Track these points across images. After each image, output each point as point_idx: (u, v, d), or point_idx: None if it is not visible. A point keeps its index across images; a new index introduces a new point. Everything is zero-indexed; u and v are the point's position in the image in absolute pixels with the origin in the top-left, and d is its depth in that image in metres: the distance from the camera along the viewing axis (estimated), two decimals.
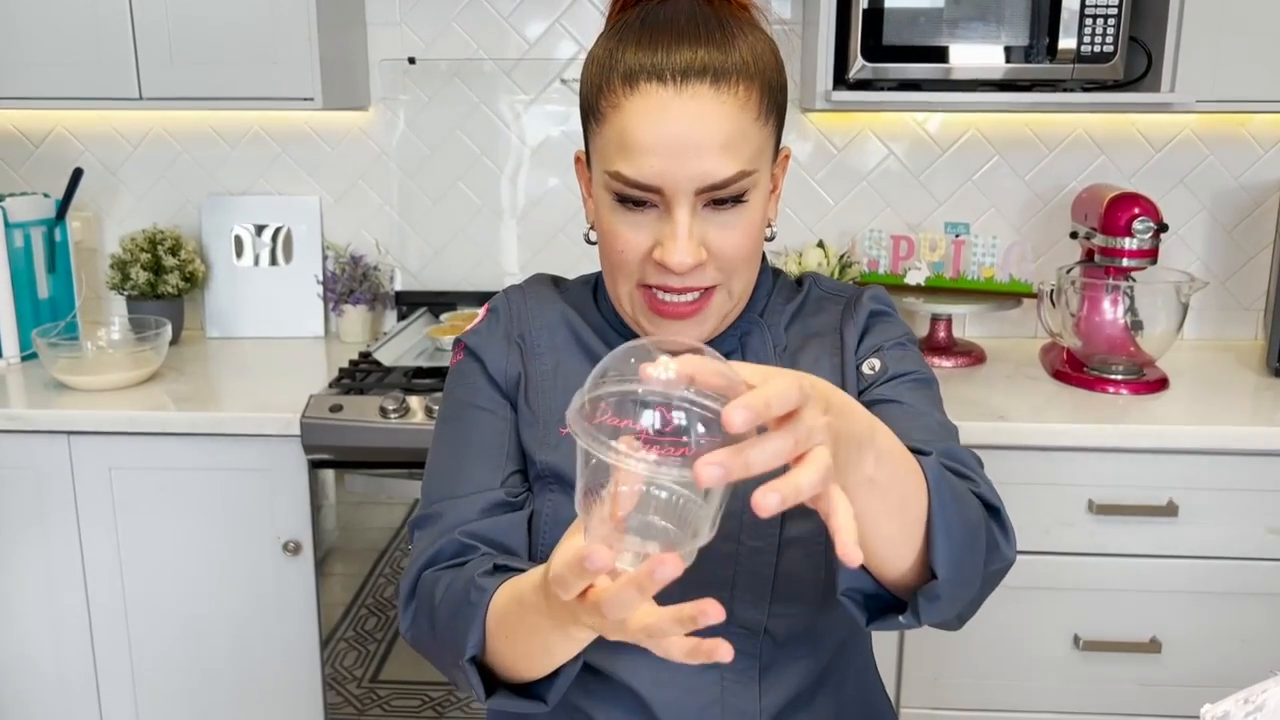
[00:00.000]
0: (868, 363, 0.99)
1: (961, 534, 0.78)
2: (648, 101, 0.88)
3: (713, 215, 0.90)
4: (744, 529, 0.92)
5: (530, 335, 1.03)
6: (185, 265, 2.31)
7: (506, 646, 0.83)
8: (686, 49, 0.88)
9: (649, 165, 0.87)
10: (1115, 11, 1.93)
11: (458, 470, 0.99)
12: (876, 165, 2.36)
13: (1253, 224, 2.33)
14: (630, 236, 0.91)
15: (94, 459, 1.93)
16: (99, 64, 2.06)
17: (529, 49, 2.34)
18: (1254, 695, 0.59)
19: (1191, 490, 1.85)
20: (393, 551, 1.98)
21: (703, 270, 0.91)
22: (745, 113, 0.89)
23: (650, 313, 0.94)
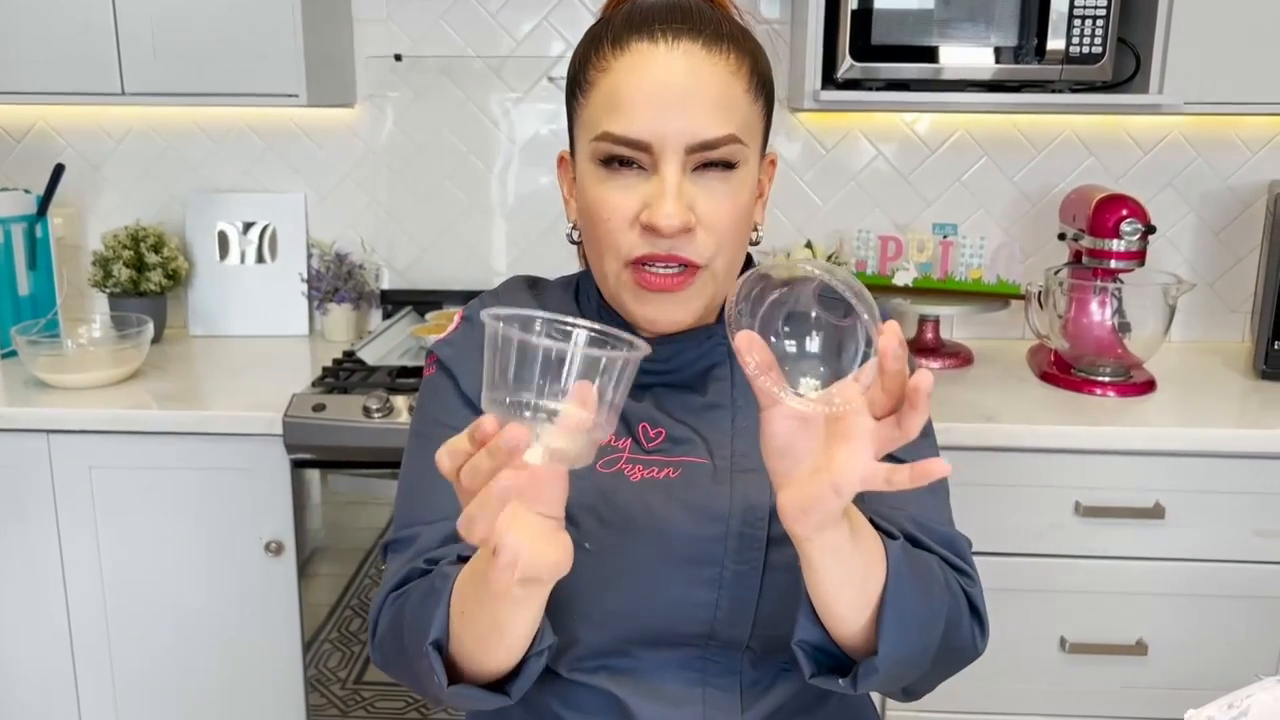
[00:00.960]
0: None
1: (912, 620, 0.80)
2: (637, 58, 0.88)
3: (701, 180, 0.88)
4: (730, 552, 0.91)
5: None
6: (168, 262, 2.29)
7: (466, 630, 0.81)
8: (677, 17, 0.89)
9: (638, 120, 0.86)
10: (1104, 13, 1.93)
11: (428, 493, 0.95)
12: (865, 166, 2.35)
13: (1240, 226, 2.33)
14: (617, 201, 0.89)
15: (74, 458, 1.91)
16: (81, 59, 2.03)
17: (517, 47, 2.33)
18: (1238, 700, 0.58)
19: (1178, 493, 1.85)
20: (377, 552, 1.96)
21: (691, 237, 0.88)
22: (736, 80, 0.89)
23: (636, 288, 0.91)
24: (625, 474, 0.93)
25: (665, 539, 0.91)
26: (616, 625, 0.92)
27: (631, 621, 0.92)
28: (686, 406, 0.97)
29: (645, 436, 0.95)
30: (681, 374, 0.97)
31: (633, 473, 0.94)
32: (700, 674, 0.94)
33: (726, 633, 0.92)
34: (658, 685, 0.94)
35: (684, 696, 0.94)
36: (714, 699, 0.94)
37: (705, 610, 0.92)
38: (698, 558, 0.91)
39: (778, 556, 0.91)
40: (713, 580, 0.91)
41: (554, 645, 0.85)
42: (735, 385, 0.97)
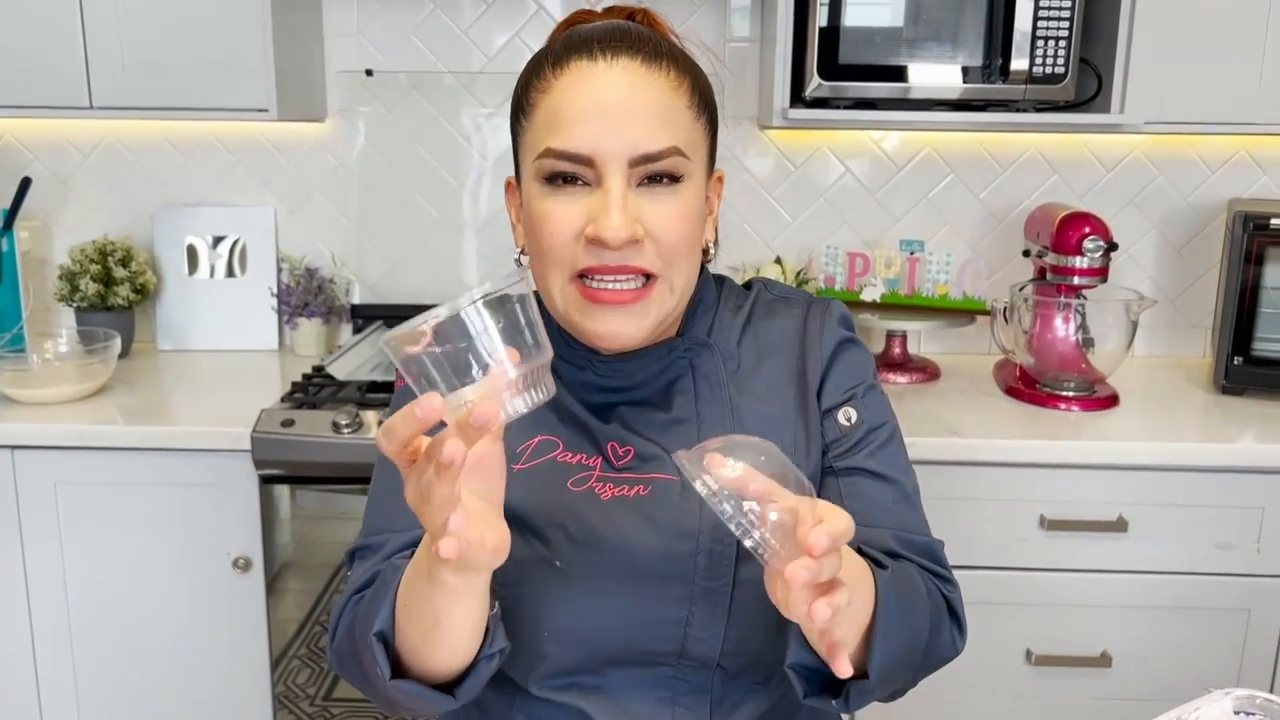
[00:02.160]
0: (843, 412, 0.98)
1: (898, 644, 0.82)
2: (577, 75, 0.88)
3: (647, 194, 0.89)
4: (699, 569, 0.92)
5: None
6: (136, 277, 2.27)
7: (410, 625, 0.82)
8: (616, 36, 0.90)
9: (580, 134, 0.87)
10: (1066, 34, 1.96)
11: (397, 502, 0.95)
12: (834, 182, 2.38)
13: (1201, 243, 2.37)
14: (561, 216, 0.88)
15: (39, 474, 1.90)
16: (48, 72, 2.03)
17: (488, 62, 2.34)
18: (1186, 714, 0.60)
19: (1141, 506, 1.87)
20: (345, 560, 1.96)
21: (640, 249, 0.89)
22: (677, 95, 0.90)
23: (584, 303, 0.90)
24: (596, 492, 0.94)
25: (636, 557, 0.92)
26: (587, 643, 0.93)
27: (602, 639, 0.93)
28: (652, 423, 0.97)
29: (615, 455, 0.96)
30: (644, 390, 0.98)
31: (603, 491, 0.94)
32: (670, 693, 0.95)
33: (697, 650, 0.93)
34: (626, 704, 0.94)
35: (653, 715, 0.94)
36: (684, 715, 0.95)
37: (675, 628, 0.92)
38: (668, 575, 0.92)
39: (747, 573, 0.92)
40: (683, 598, 0.92)
41: (506, 649, 0.85)
42: (699, 399, 0.97)
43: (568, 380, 0.98)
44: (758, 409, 0.97)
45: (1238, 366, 2.11)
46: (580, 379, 0.98)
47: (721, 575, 0.92)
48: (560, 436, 0.96)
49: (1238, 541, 1.88)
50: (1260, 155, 2.33)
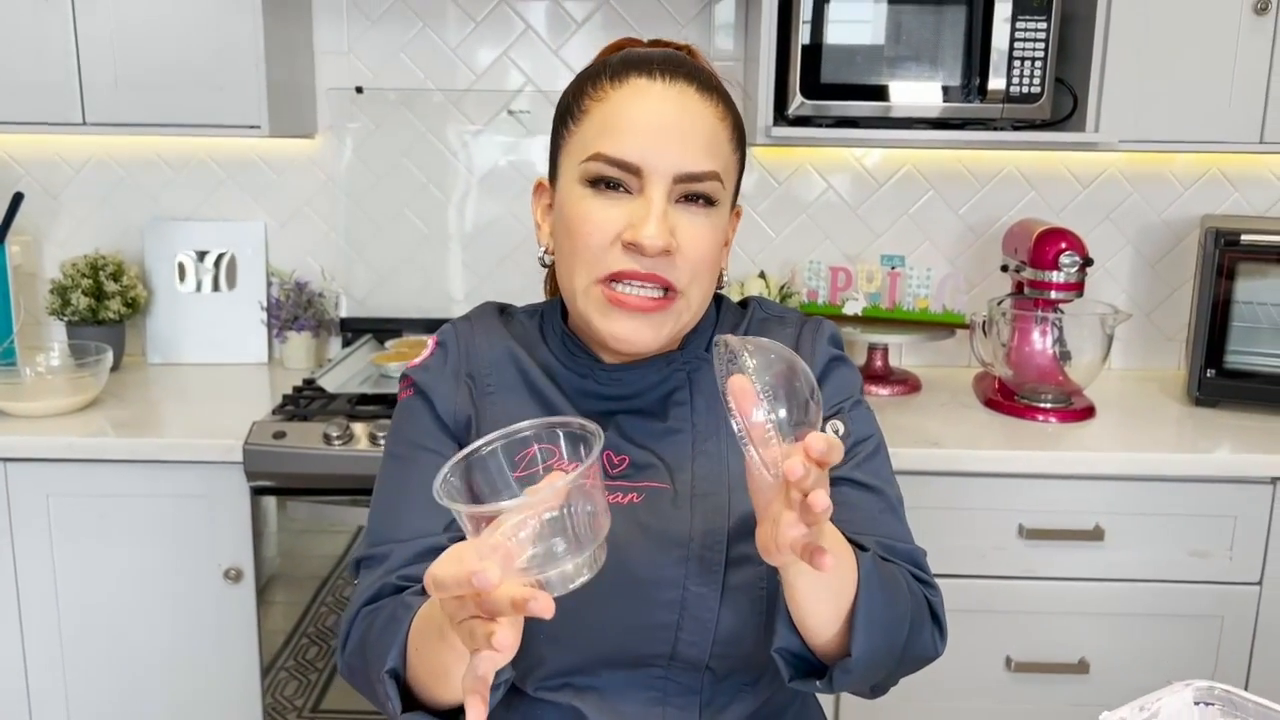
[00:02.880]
0: (831, 425, 1.02)
1: (881, 626, 0.85)
2: (636, 89, 0.93)
3: (684, 210, 0.93)
4: (689, 575, 0.95)
5: (479, 374, 1.03)
6: (127, 291, 2.29)
7: (419, 664, 0.85)
8: (675, 61, 0.96)
9: (632, 143, 0.91)
10: (1042, 55, 2.01)
11: (401, 512, 0.99)
12: (816, 198, 2.42)
13: (1175, 258, 2.42)
14: (601, 218, 0.92)
15: (31, 486, 1.91)
16: (42, 88, 2.05)
17: (476, 80, 2.37)
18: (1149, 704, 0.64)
19: (1117, 515, 1.91)
20: (335, 579, 1.98)
21: (670, 261, 0.92)
22: (722, 127, 0.95)
23: (608, 305, 0.94)
24: None
25: (628, 563, 0.95)
26: (581, 646, 0.96)
27: (595, 642, 0.96)
28: (649, 432, 1.00)
29: (610, 463, 0.99)
30: (642, 399, 1.01)
31: None
32: (660, 693, 0.98)
33: (687, 653, 0.96)
34: (618, 704, 0.97)
35: (644, 715, 0.97)
36: (675, 715, 0.98)
37: (666, 631, 0.95)
38: (659, 581, 0.95)
39: (736, 579, 0.95)
40: (673, 602, 0.95)
41: (509, 679, 0.88)
42: (695, 410, 1.01)
43: (568, 388, 1.01)
44: None
45: (1210, 379, 2.16)
46: (581, 386, 1.01)
47: (711, 581, 0.95)
48: (557, 445, 0.99)
49: (1211, 550, 1.92)
50: (1232, 172, 2.38)
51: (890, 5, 2.02)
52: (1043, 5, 2.01)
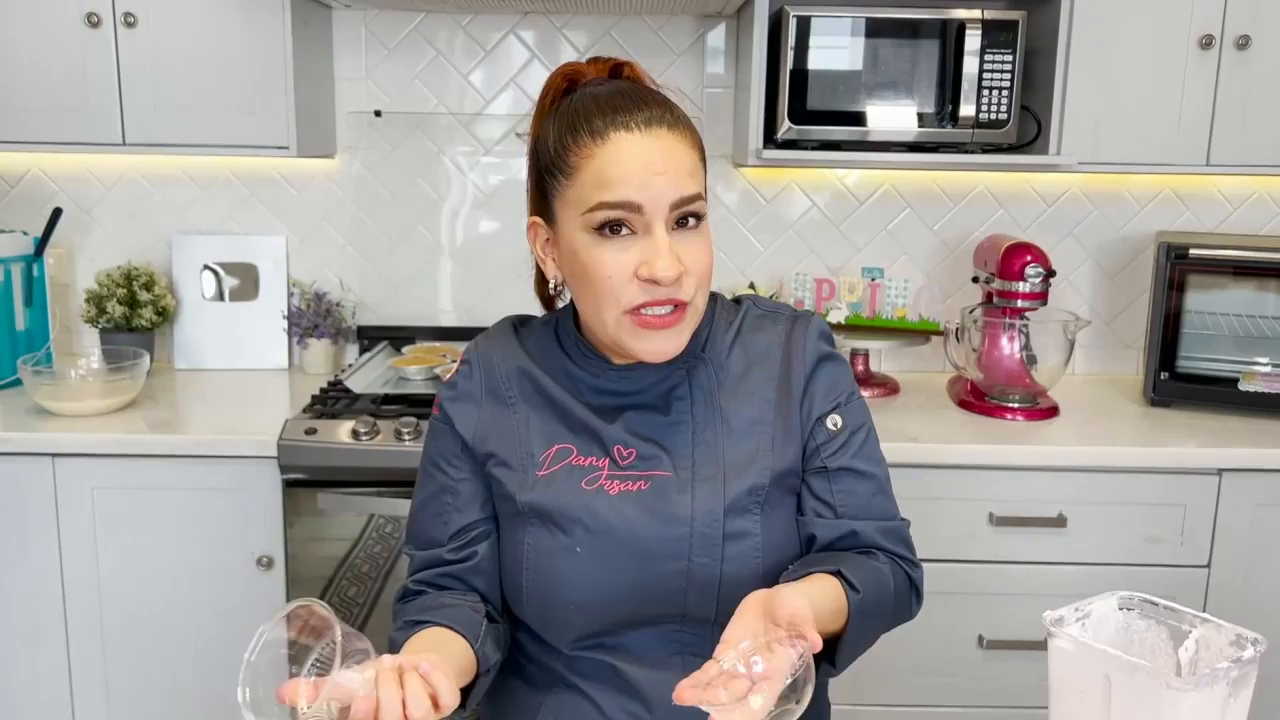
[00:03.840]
0: (831, 419, 1.17)
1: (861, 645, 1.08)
2: (620, 145, 1.05)
3: (680, 235, 1.07)
4: (693, 549, 1.11)
5: (500, 389, 1.18)
6: (158, 300, 2.45)
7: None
8: (643, 107, 1.08)
9: (629, 188, 1.04)
10: (1008, 84, 2.21)
11: (420, 521, 1.21)
12: (801, 215, 2.61)
13: (1133, 271, 2.62)
14: (615, 261, 1.05)
15: (77, 480, 2.05)
16: (85, 110, 2.20)
17: (485, 105, 2.55)
18: (1084, 606, 0.81)
19: (1079, 504, 2.09)
20: (353, 558, 2.10)
21: (682, 281, 1.07)
22: (693, 152, 1.10)
23: (638, 329, 1.07)
24: (605, 489, 1.13)
25: (639, 541, 1.11)
26: (604, 612, 1.13)
27: (616, 609, 1.12)
28: (653, 425, 1.15)
29: (619, 456, 1.14)
30: (647, 395, 1.16)
31: (611, 487, 1.13)
32: (678, 644, 1.15)
33: (696, 613, 1.13)
34: (644, 656, 1.14)
35: (666, 663, 1.14)
36: (690, 663, 1.14)
37: (676, 597, 1.12)
38: (666, 555, 1.11)
39: (733, 550, 1.12)
40: (680, 573, 1.11)
41: (498, 662, 1.11)
42: (694, 404, 1.16)
43: (582, 387, 1.17)
44: (743, 412, 1.16)
45: (1164, 381, 2.35)
46: (594, 384, 1.17)
47: (711, 553, 1.11)
48: (573, 444, 1.15)
49: (1164, 535, 2.10)
50: (1184, 192, 2.58)
51: (867, 39, 2.20)
52: (1009, 39, 2.20)
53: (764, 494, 1.13)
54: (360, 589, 2.11)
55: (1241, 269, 2.30)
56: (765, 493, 1.13)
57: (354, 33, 2.51)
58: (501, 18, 2.51)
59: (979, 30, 2.19)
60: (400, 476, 2.01)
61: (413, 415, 2.05)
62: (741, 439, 1.14)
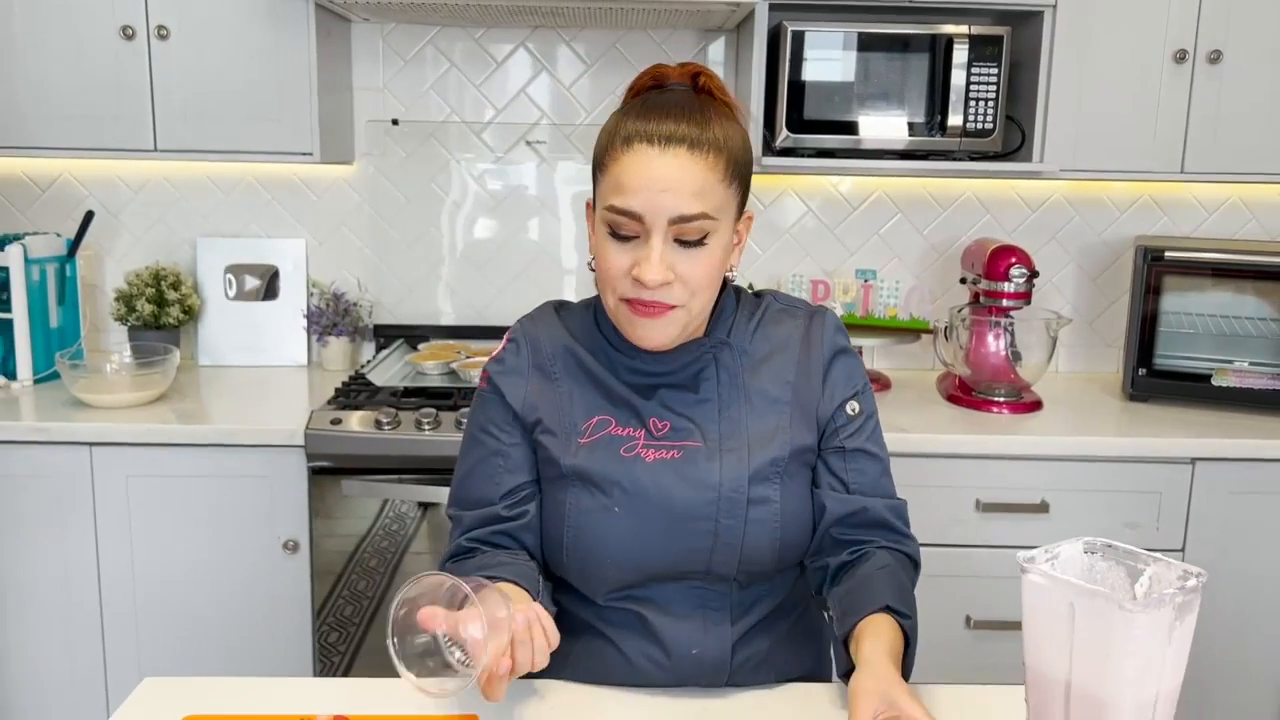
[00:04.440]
0: (850, 405, 1.30)
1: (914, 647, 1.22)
2: (638, 157, 1.17)
3: (680, 250, 1.18)
4: (720, 511, 1.24)
5: (545, 365, 1.30)
6: (185, 299, 2.56)
7: None
8: (671, 123, 1.18)
9: (635, 198, 1.16)
10: (994, 96, 2.34)
11: (472, 484, 1.31)
12: (797, 220, 2.73)
13: (1113, 274, 2.75)
14: (617, 257, 1.19)
15: (113, 468, 2.17)
16: (120, 119, 2.32)
17: (497, 114, 2.67)
18: (1053, 548, 0.93)
19: (1061, 492, 2.21)
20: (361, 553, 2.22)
21: (670, 288, 1.18)
22: (713, 173, 1.18)
23: (631, 315, 1.20)
24: (642, 457, 1.25)
25: (671, 504, 1.24)
26: (637, 566, 1.25)
27: (648, 564, 1.25)
28: (684, 401, 1.28)
29: (654, 428, 1.27)
30: (679, 375, 1.28)
31: (647, 455, 1.26)
32: (700, 599, 1.27)
33: (719, 570, 1.25)
34: (669, 608, 1.27)
35: (689, 614, 1.27)
36: (711, 616, 1.27)
37: (702, 555, 1.24)
38: (695, 516, 1.24)
39: (755, 514, 1.24)
40: (707, 532, 1.24)
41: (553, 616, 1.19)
42: (720, 384, 1.28)
43: (620, 367, 1.29)
44: (765, 392, 1.29)
45: (1142, 377, 2.48)
46: (629, 364, 1.29)
47: (736, 515, 1.24)
48: (613, 415, 1.28)
49: (1141, 520, 2.22)
50: (1161, 199, 2.72)
51: (860, 52, 2.33)
52: (994, 53, 2.33)
53: (784, 465, 1.26)
54: (369, 583, 2.22)
55: (1214, 271, 2.43)
56: (785, 464, 1.26)
57: (372, 45, 2.64)
58: (512, 31, 2.64)
59: (966, 45, 2.32)
60: (419, 464, 2.13)
61: (431, 407, 2.17)
62: (763, 415, 1.27)
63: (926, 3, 2.32)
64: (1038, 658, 0.93)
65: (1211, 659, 2.25)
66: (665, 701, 1.23)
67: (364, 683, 1.25)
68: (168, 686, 1.22)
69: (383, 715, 1.14)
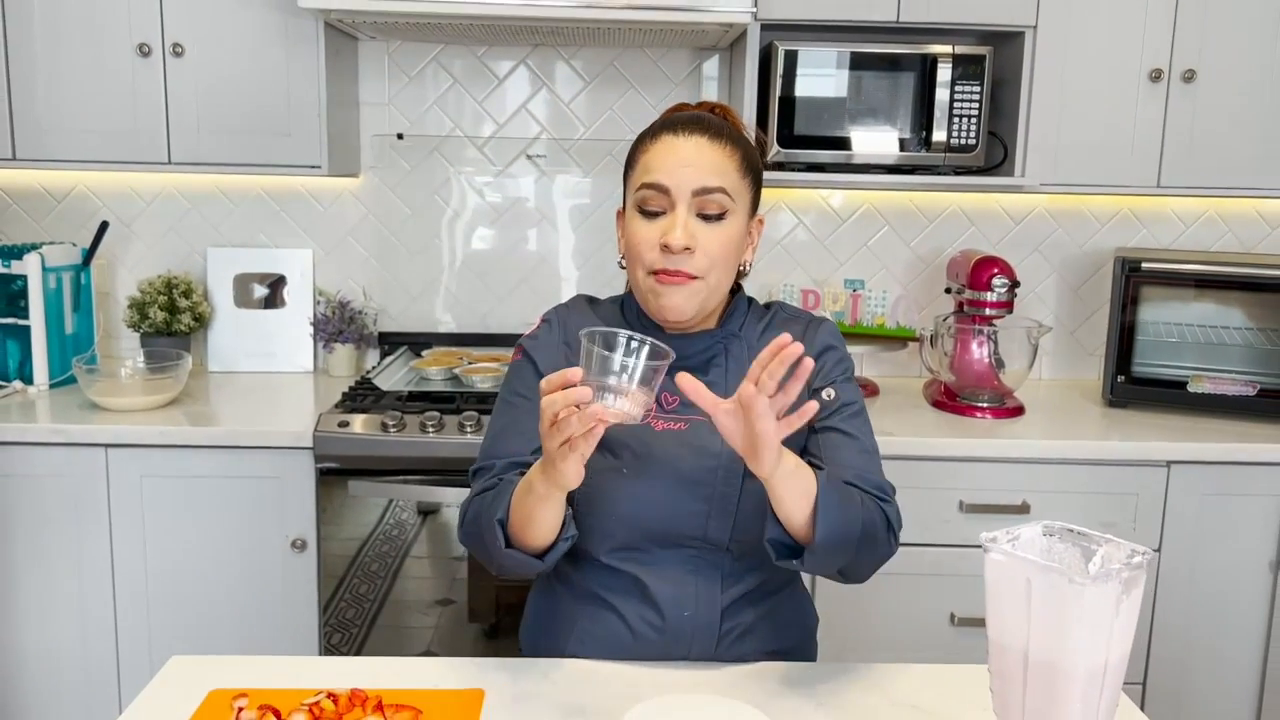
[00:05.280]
0: (825, 391, 1.40)
1: (835, 518, 1.23)
2: (663, 143, 1.36)
3: (702, 223, 1.33)
4: (719, 479, 1.34)
5: (574, 343, 1.39)
6: (196, 307, 2.65)
7: (517, 513, 1.25)
8: (692, 121, 1.38)
9: (661, 174, 1.33)
10: (976, 112, 2.43)
11: (504, 440, 1.40)
12: (789, 232, 2.83)
13: (1094, 284, 2.84)
14: (647, 231, 1.34)
15: (128, 469, 2.25)
16: (135, 133, 2.41)
17: (498, 129, 2.77)
18: (1013, 530, 1.02)
19: (1041, 493, 2.30)
20: (363, 556, 2.30)
21: (691, 256, 1.32)
22: (730, 160, 1.36)
23: (657, 286, 1.34)
24: (651, 426, 1.38)
25: (676, 468, 1.35)
26: (640, 524, 1.36)
27: (649, 523, 1.36)
28: None
29: (665, 402, 1.39)
30: (692, 360, 1.40)
31: (657, 425, 1.38)
32: (694, 566, 1.37)
33: (713, 536, 1.36)
34: (664, 572, 1.37)
35: (683, 580, 1.37)
36: (703, 582, 1.37)
37: (699, 518, 1.35)
38: (696, 480, 1.35)
39: (750, 485, 1.33)
40: (707, 497, 1.35)
41: (574, 536, 1.28)
42: (728, 370, 1.41)
43: None
44: None
45: (1121, 384, 2.57)
46: None
47: (733, 484, 1.35)
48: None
49: (1118, 522, 2.31)
50: (1140, 212, 2.81)
51: (849, 71, 2.43)
52: (977, 72, 2.43)
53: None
54: (370, 587, 2.30)
55: (1190, 282, 2.52)
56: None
57: (378, 62, 2.73)
58: (513, 49, 2.73)
59: (950, 64, 2.42)
60: (424, 465, 2.21)
61: (435, 410, 2.26)
62: None
63: (912, 23, 2.41)
64: (999, 630, 1.01)
65: (1187, 654, 2.34)
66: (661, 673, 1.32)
67: (378, 661, 1.33)
68: (193, 665, 1.30)
69: (396, 689, 1.22)
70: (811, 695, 1.28)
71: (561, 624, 1.38)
